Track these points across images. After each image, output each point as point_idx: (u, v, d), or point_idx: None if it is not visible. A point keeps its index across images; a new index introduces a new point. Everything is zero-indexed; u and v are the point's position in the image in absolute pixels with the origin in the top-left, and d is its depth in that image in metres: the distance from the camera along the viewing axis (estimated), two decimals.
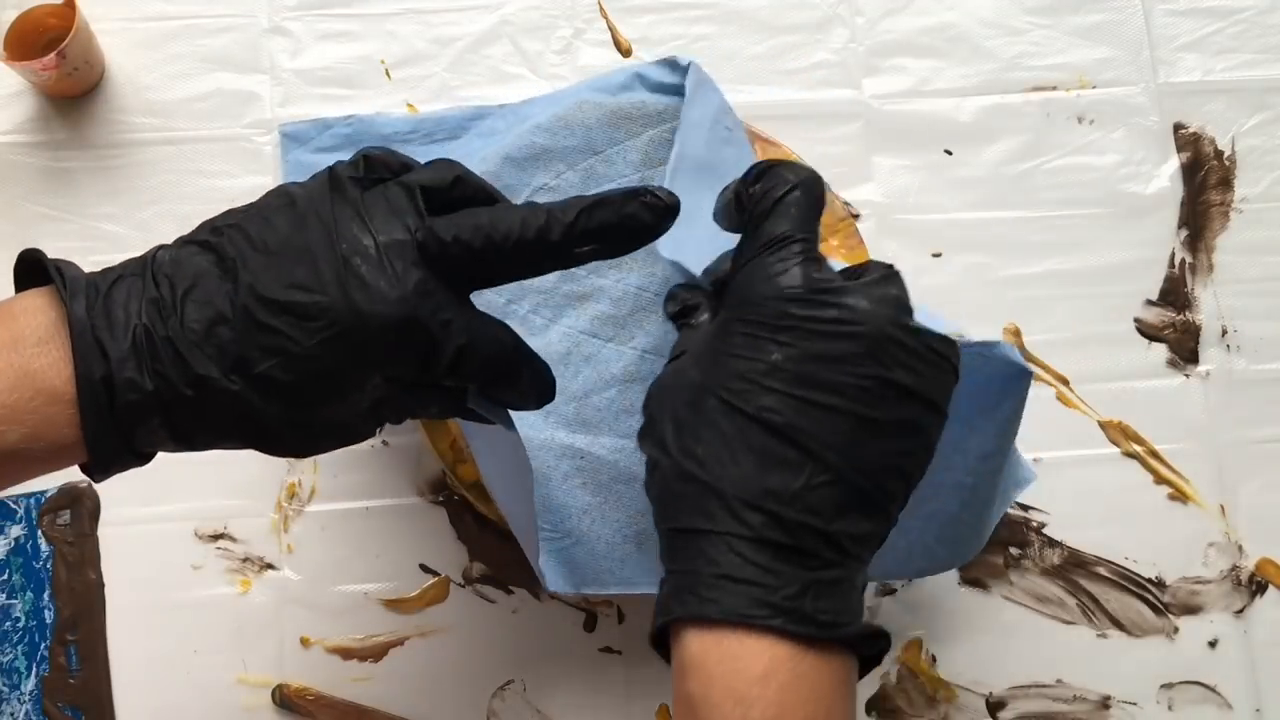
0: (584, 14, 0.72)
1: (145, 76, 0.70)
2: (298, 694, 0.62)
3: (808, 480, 0.37)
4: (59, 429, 0.37)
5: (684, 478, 0.38)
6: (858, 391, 0.37)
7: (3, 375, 0.37)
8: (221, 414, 0.39)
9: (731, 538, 0.36)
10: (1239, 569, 0.66)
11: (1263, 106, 0.72)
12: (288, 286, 0.38)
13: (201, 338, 0.38)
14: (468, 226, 0.39)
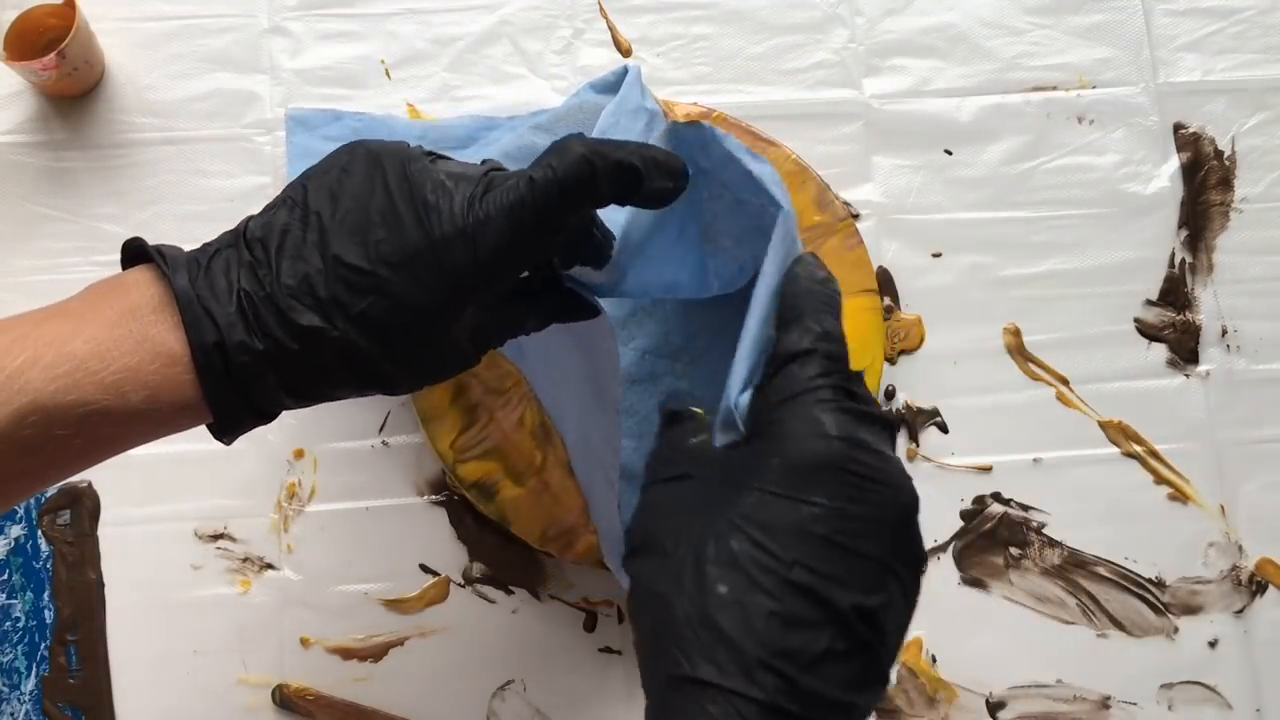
0: (584, 14, 0.72)
1: (145, 76, 0.70)
2: (298, 694, 0.62)
3: (829, 645, 0.35)
4: (180, 390, 0.39)
5: (700, 621, 0.35)
6: (890, 556, 0.36)
7: (123, 340, 0.39)
8: (330, 361, 0.40)
9: (739, 698, 0.34)
10: (1239, 569, 0.66)
11: (1263, 106, 0.72)
12: (369, 226, 0.40)
13: (298, 291, 0.39)
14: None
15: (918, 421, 0.67)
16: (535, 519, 0.62)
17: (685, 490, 0.39)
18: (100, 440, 0.40)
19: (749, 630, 0.34)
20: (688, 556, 0.36)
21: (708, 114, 0.68)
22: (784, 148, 0.67)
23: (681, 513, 0.38)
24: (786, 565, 0.35)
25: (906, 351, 0.68)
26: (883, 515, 0.36)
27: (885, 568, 0.36)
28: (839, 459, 0.36)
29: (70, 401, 0.38)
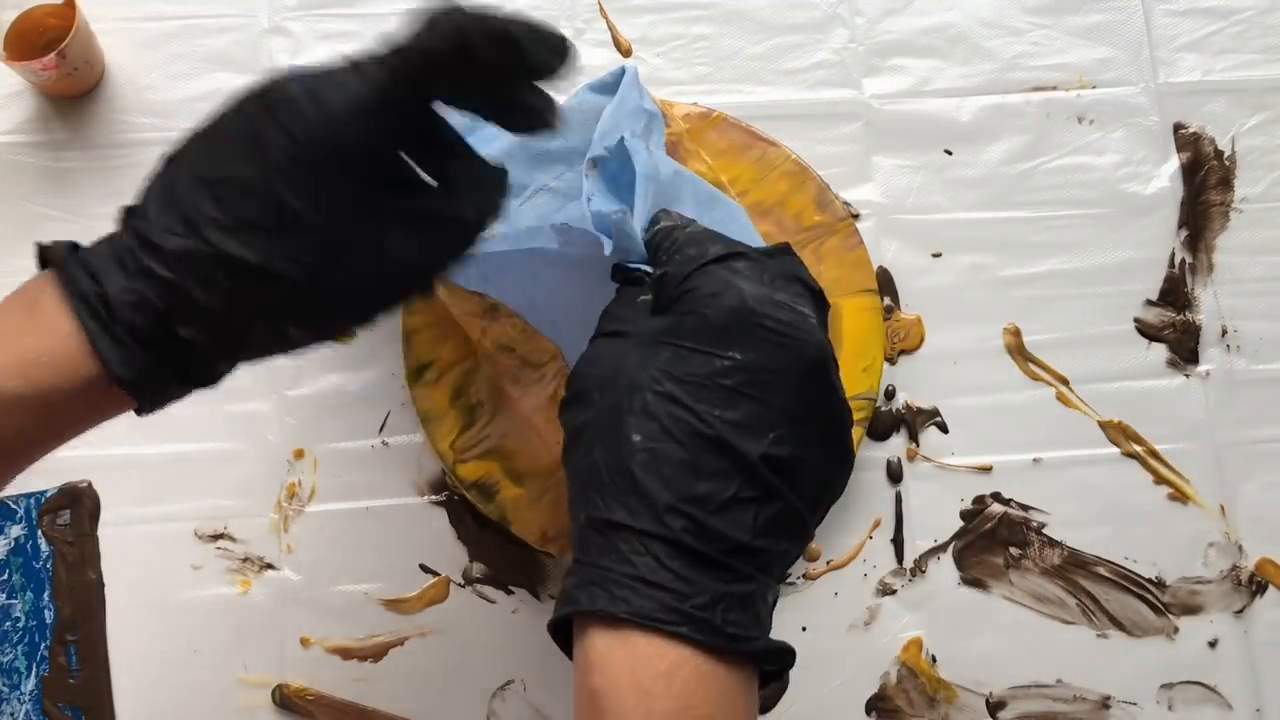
0: (584, 14, 0.72)
1: (145, 76, 0.70)
2: (298, 694, 0.62)
3: (736, 492, 0.37)
4: (78, 360, 0.38)
5: (616, 468, 0.38)
6: (800, 407, 0.38)
7: (16, 326, 0.39)
8: (222, 285, 0.38)
9: (650, 538, 0.36)
10: (1239, 569, 0.66)
11: (1263, 106, 0.72)
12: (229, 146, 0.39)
13: (169, 223, 0.38)
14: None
15: (918, 421, 0.67)
16: (535, 519, 0.62)
17: (620, 346, 0.40)
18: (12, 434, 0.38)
19: (659, 476, 0.37)
20: (609, 407, 0.38)
21: (708, 114, 0.68)
22: (784, 148, 0.67)
23: (608, 366, 0.40)
24: (698, 416, 0.37)
25: (906, 351, 0.68)
26: (791, 368, 0.38)
27: (795, 419, 0.38)
28: (749, 315, 0.38)
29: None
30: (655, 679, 0.36)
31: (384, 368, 0.66)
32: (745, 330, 0.38)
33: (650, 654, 0.36)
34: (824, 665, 0.63)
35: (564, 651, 0.39)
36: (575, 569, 0.39)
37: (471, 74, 0.39)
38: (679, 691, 0.36)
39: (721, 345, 0.38)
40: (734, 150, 0.67)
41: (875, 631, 0.64)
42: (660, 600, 0.36)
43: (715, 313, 0.38)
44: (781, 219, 0.66)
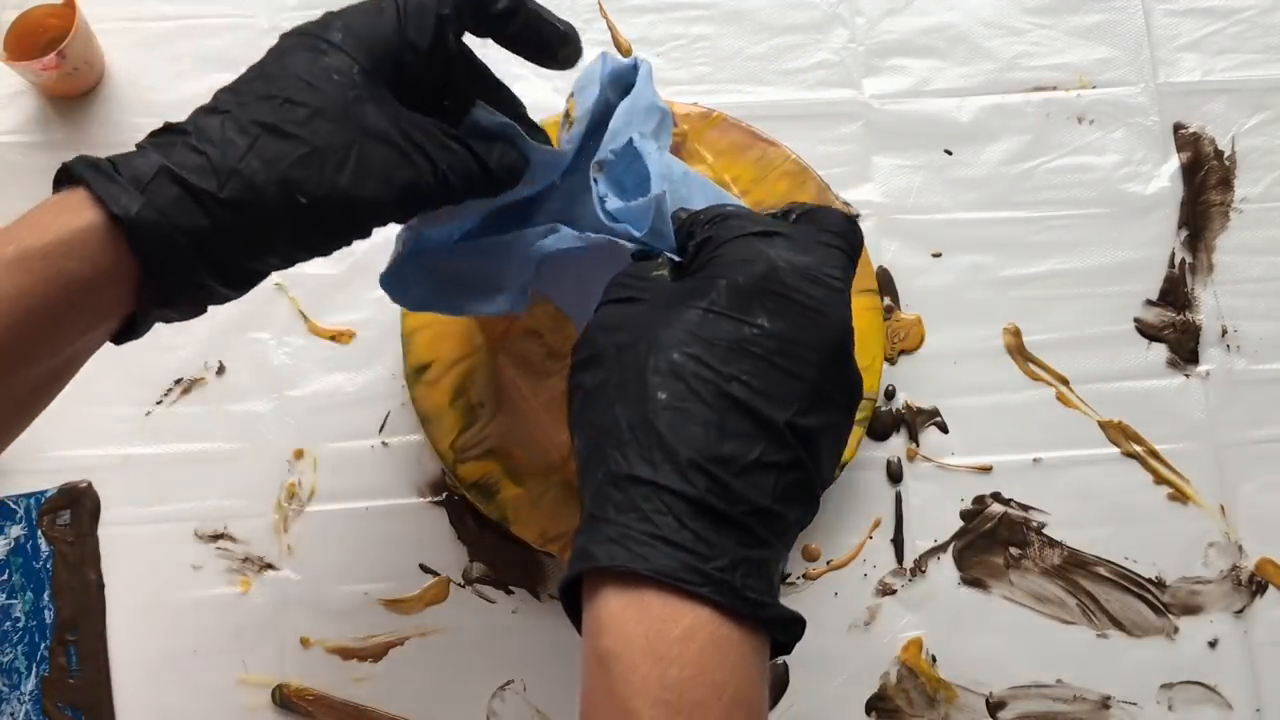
0: (584, 14, 0.72)
1: (145, 76, 0.70)
2: (298, 694, 0.62)
3: (759, 456, 0.37)
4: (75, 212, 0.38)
5: (640, 425, 0.37)
6: (825, 380, 0.38)
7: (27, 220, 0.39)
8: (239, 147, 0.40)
9: (672, 495, 0.36)
10: (1239, 569, 0.66)
11: (1263, 106, 0.72)
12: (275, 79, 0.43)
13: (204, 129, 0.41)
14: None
15: (918, 421, 0.67)
16: (535, 519, 0.62)
17: (634, 310, 0.40)
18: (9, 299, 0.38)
19: (685, 435, 0.36)
20: (631, 366, 0.38)
21: (708, 114, 0.68)
22: (784, 148, 0.67)
23: (627, 329, 0.39)
24: (725, 379, 0.37)
25: (906, 351, 0.68)
26: (818, 341, 0.38)
27: (820, 391, 0.38)
28: (779, 285, 0.38)
29: None
30: (671, 643, 0.35)
31: (384, 368, 0.66)
32: (774, 300, 0.38)
33: (666, 616, 0.35)
34: (824, 665, 0.63)
35: (571, 617, 0.39)
36: (588, 525, 0.38)
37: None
38: (694, 657, 0.35)
39: (750, 312, 0.38)
40: (734, 150, 0.67)
41: (875, 631, 0.64)
42: (681, 560, 0.35)
43: (746, 279, 0.39)
44: None
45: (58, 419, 0.65)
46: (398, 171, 0.43)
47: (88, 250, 0.38)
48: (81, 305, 0.38)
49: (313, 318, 0.67)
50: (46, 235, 0.37)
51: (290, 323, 0.67)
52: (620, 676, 0.35)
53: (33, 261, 0.37)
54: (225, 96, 0.42)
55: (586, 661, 0.37)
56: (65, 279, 0.37)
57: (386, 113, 0.43)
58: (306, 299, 0.67)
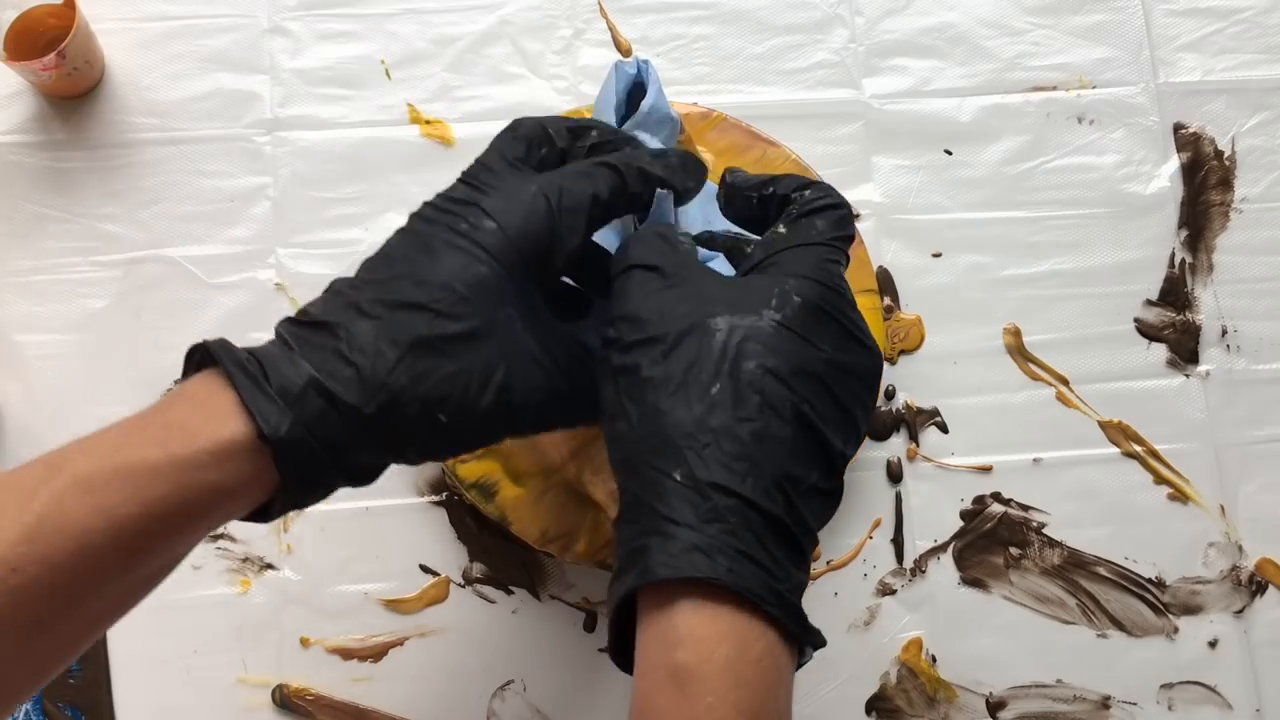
0: (584, 14, 0.72)
1: (145, 76, 0.70)
2: (297, 694, 0.62)
3: (816, 481, 0.37)
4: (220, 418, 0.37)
5: (722, 430, 0.36)
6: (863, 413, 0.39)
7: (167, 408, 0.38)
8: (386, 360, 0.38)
9: (756, 512, 0.36)
10: (1239, 569, 0.66)
11: (1263, 106, 0.72)
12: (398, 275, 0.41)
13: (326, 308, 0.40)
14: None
15: (918, 421, 0.67)
16: (535, 519, 0.62)
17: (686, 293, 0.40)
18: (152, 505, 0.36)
19: (768, 450, 0.36)
20: (703, 364, 0.38)
21: (708, 114, 0.68)
22: (784, 148, 0.67)
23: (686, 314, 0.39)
24: (799, 399, 0.37)
25: (906, 351, 0.68)
26: (864, 373, 0.40)
27: (861, 424, 0.39)
28: (839, 312, 0.39)
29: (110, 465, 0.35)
30: (749, 664, 0.35)
31: None
32: (838, 326, 0.39)
33: (749, 636, 0.35)
34: (824, 665, 0.63)
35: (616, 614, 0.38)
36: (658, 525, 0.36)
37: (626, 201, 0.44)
38: (765, 680, 0.35)
39: (819, 335, 0.38)
40: (734, 150, 0.67)
41: (875, 631, 0.64)
42: (763, 579, 0.35)
43: (820, 299, 0.39)
44: None
45: (58, 419, 0.66)
46: (537, 393, 0.41)
47: (233, 463, 0.36)
48: (218, 510, 0.37)
49: None
50: (194, 443, 0.36)
51: None
52: (696, 695, 0.34)
53: (180, 471, 0.36)
54: (371, 291, 0.40)
55: (652, 671, 0.36)
56: (209, 490, 0.36)
57: (534, 329, 0.41)
58: (307, 299, 0.67)
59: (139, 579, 0.38)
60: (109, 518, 0.35)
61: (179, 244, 0.68)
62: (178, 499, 0.36)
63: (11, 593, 0.34)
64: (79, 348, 0.66)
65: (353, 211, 0.69)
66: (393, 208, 0.68)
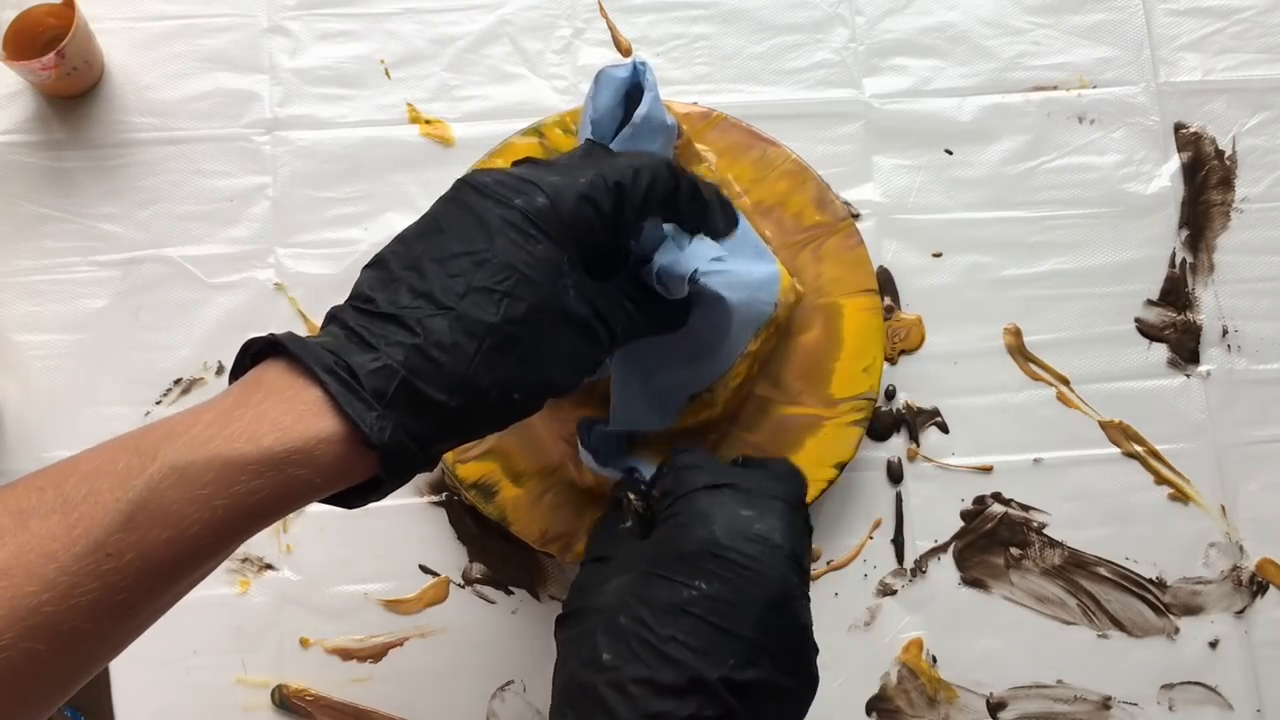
0: (584, 14, 0.72)
1: (145, 76, 0.70)
2: (297, 694, 0.62)
3: (695, 711, 0.39)
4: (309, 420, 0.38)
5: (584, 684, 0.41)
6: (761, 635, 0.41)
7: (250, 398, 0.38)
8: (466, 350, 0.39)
9: None
10: (1240, 569, 0.66)
11: (1263, 106, 0.72)
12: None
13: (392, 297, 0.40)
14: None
15: (918, 421, 0.67)
16: (535, 519, 0.62)
17: (604, 571, 0.45)
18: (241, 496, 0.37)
19: (623, 693, 0.40)
20: (586, 627, 0.43)
21: (708, 114, 0.68)
22: (784, 148, 0.67)
23: (595, 590, 0.44)
24: (662, 640, 0.40)
25: (907, 351, 0.68)
26: (753, 600, 0.41)
27: (756, 646, 0.41)
28: (718, 548, 0.41)
29: (204, 456, 0.36)
30: None
31: None
32: (713, 562, 0.41)
33: None
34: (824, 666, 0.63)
35: None
36: None
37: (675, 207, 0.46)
38: None
39: (690, 575, 0.41)
40: (734, 150, 0.67)
41: (875, 632, 0.64)
42: None
43: (688, 544, 0.42)
44: (781, 219, 0.66)
45: (57, 419, 0.65)
46: (588, 353, 0.44)
47: (325, 460, 0.37)
48: (302, 501, 0.38)
49: (313, 318, 0.67)
50: (287, 441, 0.37)
51: (290, 322, 0.67)
52: None
53: (273, 468, 0.36)
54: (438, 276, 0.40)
55: None
56: (300, 484, 0.37)
57: (585, 296, 0.43)
58: (306, 299, 0.67)
59: (217, 564, 0.39)
60: (204, 508, 0.36)
61: (178, 244, 0.68)
62: (270, 493, 0.37)
63: (105, 576, 0.35)
64: (78, 347, 0.66)
65: (352, 211, 0.69)
66: (392, 208, 0.68)
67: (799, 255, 0.66)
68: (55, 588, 0.34)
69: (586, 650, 0.42)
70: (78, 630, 0.35)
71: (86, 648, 0.36)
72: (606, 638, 0.41)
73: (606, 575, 0.44)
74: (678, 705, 0.39)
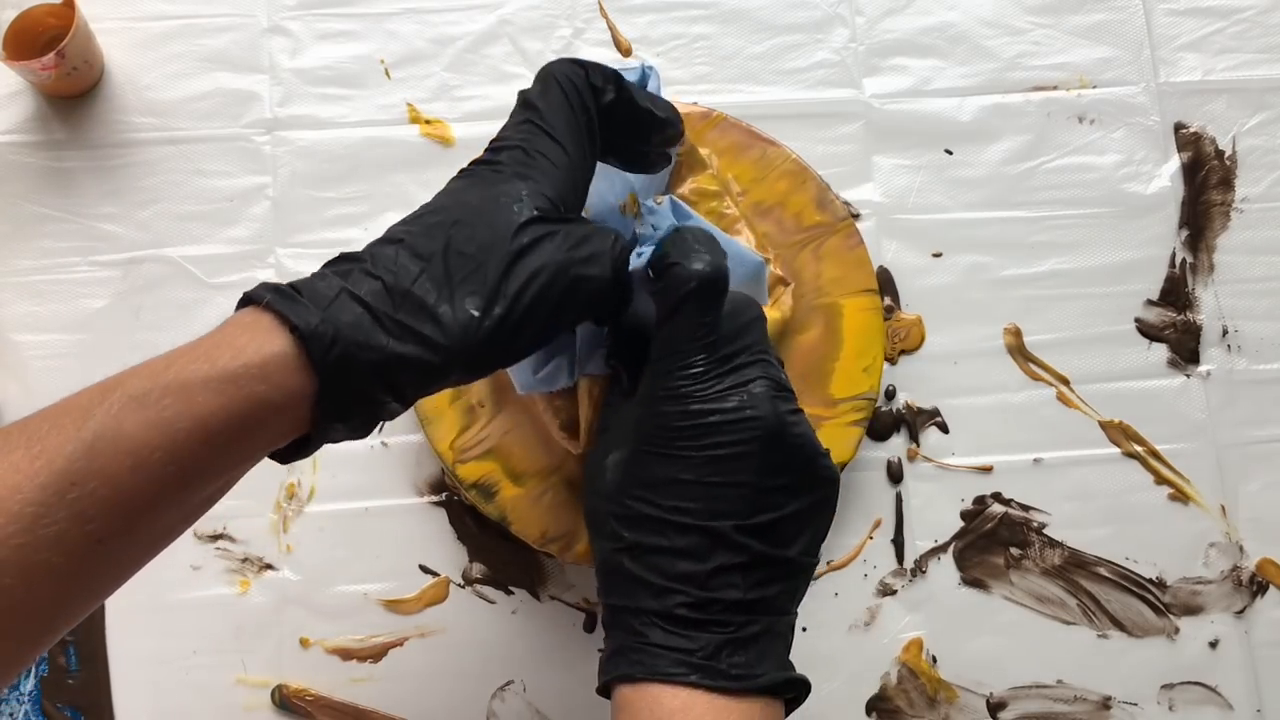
0: (584, 14, 0.72)
1: (145, 76, 0.70)
2: (297, 694, 0.62)
3: (720, 563, 0.41)
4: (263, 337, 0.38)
5: (611, 562, 0.43)
6: (764, 476, 0.42)
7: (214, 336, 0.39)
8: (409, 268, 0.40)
9: (653, 614, 0.42)
10: (1240, 569, 0.66)
11: (1263, 106, 0.72)
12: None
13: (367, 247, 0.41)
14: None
15: (918, 421, 0.67)
16: (535, 519, 0.62)
17: (605, 442, 0.46)
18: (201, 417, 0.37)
19: (646, 564, 0.42)
20: (601, 509, 0.44)
21: (708, 114, 0.68)
22: (784, 148, 0.67)
23: (600, 468, 0.45)
24: (667, 510, 0.42)
25: (907, 351, 0.68)
26: (748, 447, 0.42)
27: (762, 488, 0.42)
28: (698, 416, 0.42)
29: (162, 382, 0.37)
30: (670, 714, 0.40)
31: None
32: (699, 428, 0.42)
33: (666, 696, 0.41)
34: (824, 666, 0.63)
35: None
36: (605, 639, 0.44)
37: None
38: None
39: (679, 446, 0.42)
40: (734, 150, 0.67)
41: (875, 632, 0.64)
42: (670, 657, 0.41)
43: (672, 418, 0.42)
44: (781, 219, 0.66)
45: None
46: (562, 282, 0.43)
47: (277, 375, 0.38)
48: (265, 426, 0.38)
49: None
50: (241, 358, 0.37)
51: None
52: None
53: (228, 384, 0.37)
54: (399, 229, 0.42)
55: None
56: (256, 402, 0.37)
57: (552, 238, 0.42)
58: None
59: (191, 504, 0.39)
60: (164, 432, 0.36)
61: (178, 244, 0.68)
62: (227, 411, 0.37)
63: (70, 505, 0.35)
64: (78, 347, 0.66)
65: (352, 211, 0.69)
66: (392, 208, 0.68)
67: (799, 255, 0.66)
68: (21, 519, 0.34)
69: (605, 529, 0.44)
70: (49, 564, 0.35)
71: (60, 584, 0.36)
72: (616, 520, 0.43)
73: (607, 448, 0.45)
74: (702, 563, 0.41)
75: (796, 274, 0.65)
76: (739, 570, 0.41)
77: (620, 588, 0.43)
